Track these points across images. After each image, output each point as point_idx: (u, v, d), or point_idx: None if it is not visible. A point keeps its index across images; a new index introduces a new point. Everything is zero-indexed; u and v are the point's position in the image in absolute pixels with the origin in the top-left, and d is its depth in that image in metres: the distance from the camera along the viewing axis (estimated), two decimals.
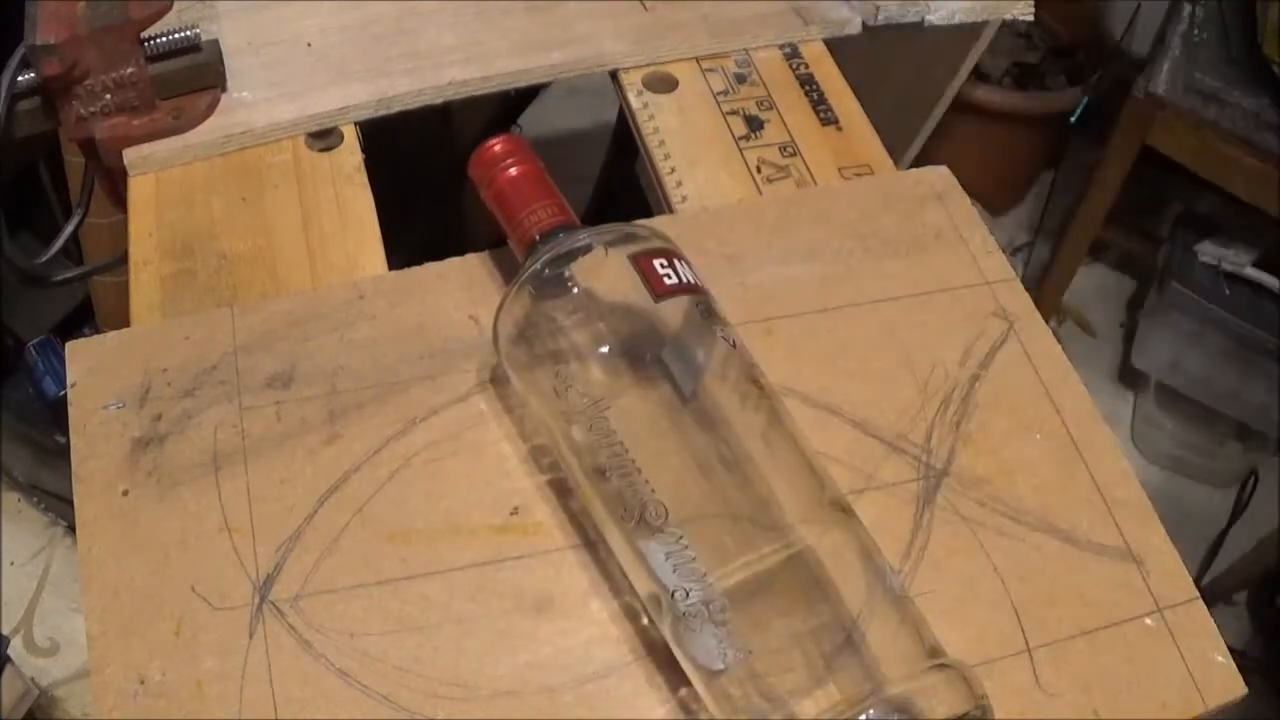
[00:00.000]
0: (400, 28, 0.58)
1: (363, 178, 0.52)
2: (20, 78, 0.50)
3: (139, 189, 0.52)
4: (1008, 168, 1.56)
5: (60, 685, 0.76)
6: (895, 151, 0.54)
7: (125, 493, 0.41)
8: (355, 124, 0.54)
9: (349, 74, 0.55)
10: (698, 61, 0.58)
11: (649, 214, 0.52)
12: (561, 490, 0.42)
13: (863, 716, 0.32)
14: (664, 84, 0.57)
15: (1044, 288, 1.41)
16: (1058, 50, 1.52)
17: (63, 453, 0.68)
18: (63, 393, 0.44)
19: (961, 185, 0.53)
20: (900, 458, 0.44)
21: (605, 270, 0.40)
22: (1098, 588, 0.41)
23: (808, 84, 0.57)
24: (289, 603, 0.39)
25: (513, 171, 0.44)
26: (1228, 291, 1.25)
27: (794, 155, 0.54)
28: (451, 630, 0.39)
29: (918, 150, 1.06)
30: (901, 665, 0.34)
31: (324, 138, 0.54)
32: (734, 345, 0.40)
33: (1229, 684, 0.40)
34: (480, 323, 0.46)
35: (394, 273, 0.48)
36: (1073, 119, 1.39)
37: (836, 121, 0.55)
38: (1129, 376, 1.44)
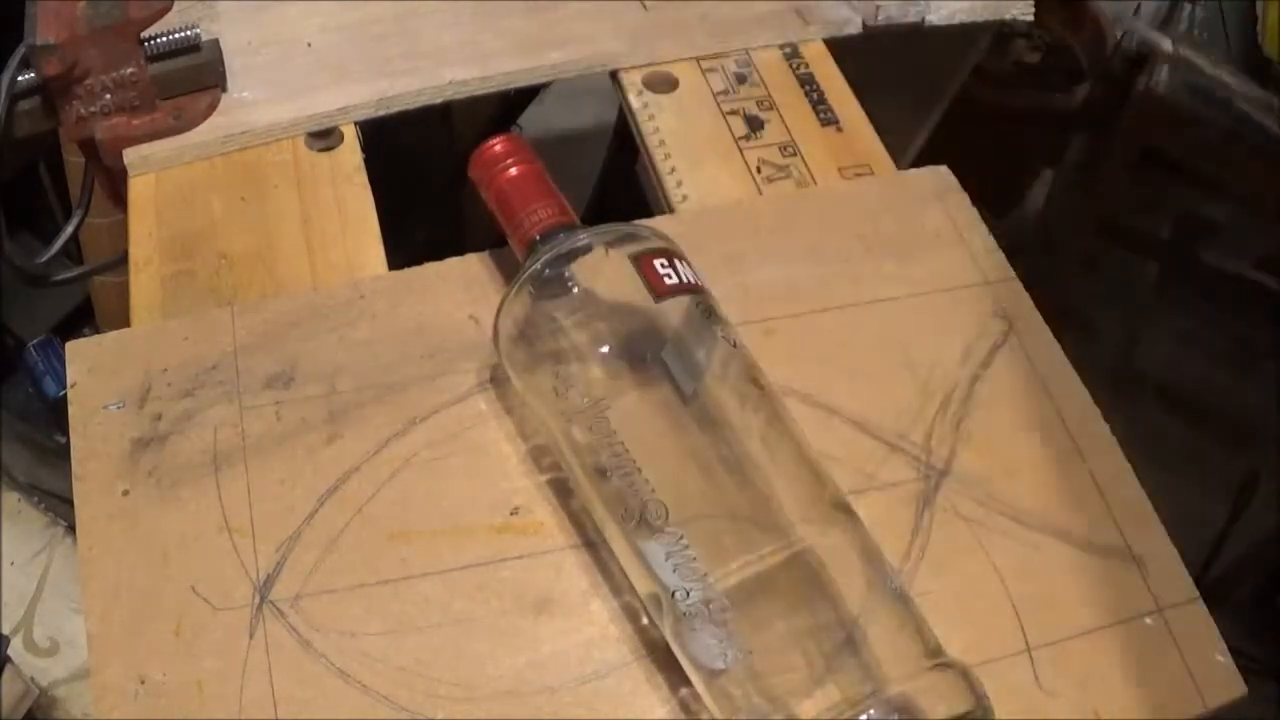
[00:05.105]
0: (400, 28, 0.58)
1: (363, 178, 0.52)
2: (20, 78, 0.50)
3: (139, 189, 0.52)
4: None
5: (60, 685, 0.76)
6: (895, 151, 0.54)
7: (125, 493, 0.41)
8: (355, 124, 0.54)
9: (349, 74, 0.55)
10: (698, 61, 0.58)
11: (649, 214, 0.52)
12: (561, 490, 0.42)
13: (863, 716, 0.32)
14: (664, 84, 0.57)
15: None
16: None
17: (63, 453, 0.68)
18: (63, 393, 0.44)
19: (961, 185, 0.53)
20: (900, 458, 0.44)
21: (605, 270, 0.40)
22: (1098, 588, 0.41)
23: (808, 84, 0.57)
24: (289, 603, 0.39)
25: (513, 171, 0.44)
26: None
27: (794, 155, 0.54)
28: (451, 630, 0.39)
29: (918, 150, 1.05)
30: (901, 665, 0.34)
31: (324, 138, 0.53)
32: (734, 345, 0.40)
33: (1229, 684, 0.40)
34: (480, 323, 0.46)
35: (394, 273, 0.48)
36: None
37: (836, 121, 0.55)
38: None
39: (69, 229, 0.61)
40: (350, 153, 0.53)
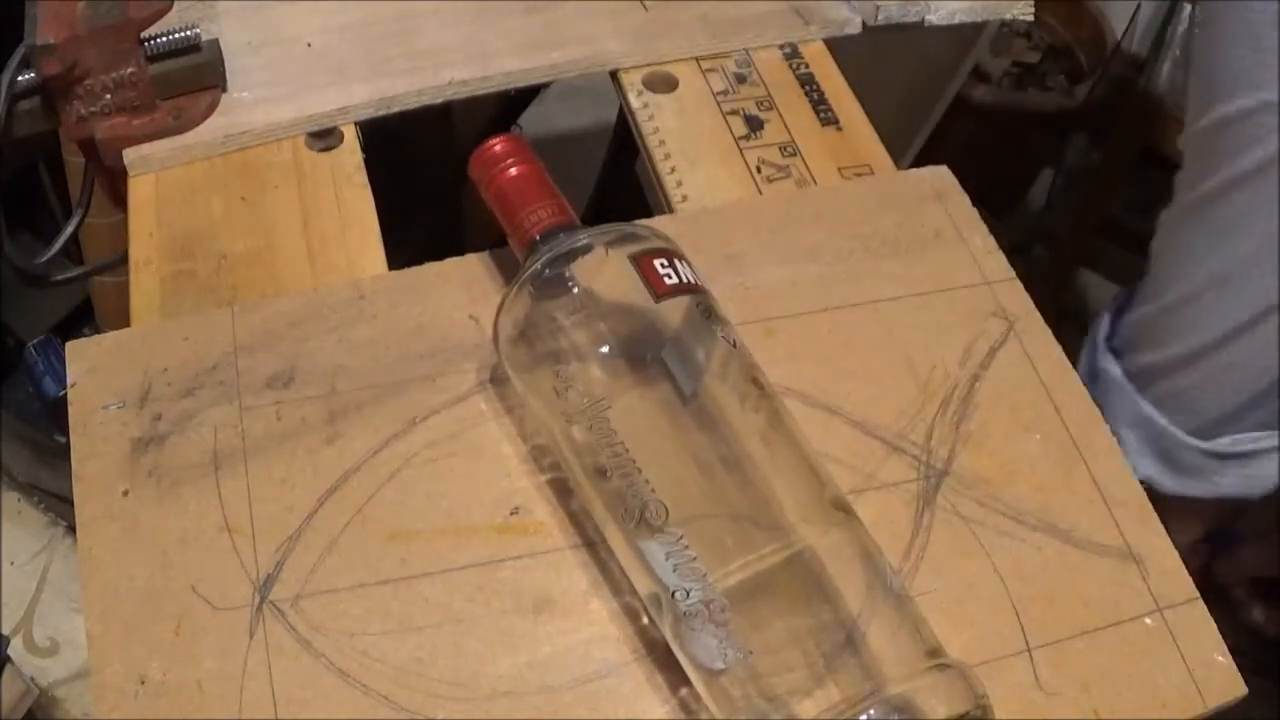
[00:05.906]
0: (400, 28, 0.58)
1: (363, 178, 0.52)
2: (20, 78, 0.50)
3: (139, 189, 0.52)
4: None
5: (60, 685, 0.76)
6: (895, 151, 0.54)
7: (125, 493, 0.41)
8: (355, 124, 0.54)
9: (349, 74, 0.55)
10: (698, 61, 0.58)
11: (649, 214, 0.52)
12: (561, 490, 0.42)
13: (863, 717, 0.32)
14: (664, 84, 0.57)
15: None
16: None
17: (63, 453, 0.68)
18: (63, 393, 0.44)
19: (962, 185, 0.53)
20: (900, 458, 0.44)
21: (605, 270, 0.40)
22: (1098, 588, 0.41)
23: (808, 84, 0.57)
24: (289, 603, 0.39)
25: (513, 171, 0.44)
26: None
27: (794, 155, 0.54)
28: (451, 630, 0.39)
29: (918, 150, 1.05)
30: (901, 665, 0.34)
31: (324, 138, 0.54)
32: (734, 345, 0.40)
33: (1229, 684, 0.40)
34: (480, 323, 0.46)
35: (394, 273, 0.48)
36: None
37: (836, 121, 0.55)
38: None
39: (69, 229, 0.61)
40: (350, 153, 0.53)
